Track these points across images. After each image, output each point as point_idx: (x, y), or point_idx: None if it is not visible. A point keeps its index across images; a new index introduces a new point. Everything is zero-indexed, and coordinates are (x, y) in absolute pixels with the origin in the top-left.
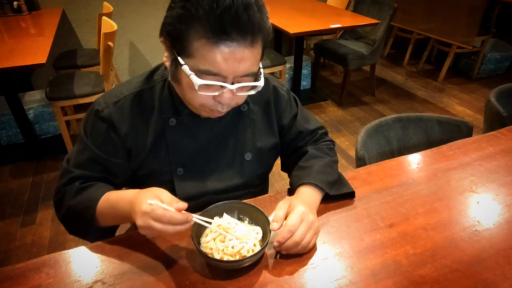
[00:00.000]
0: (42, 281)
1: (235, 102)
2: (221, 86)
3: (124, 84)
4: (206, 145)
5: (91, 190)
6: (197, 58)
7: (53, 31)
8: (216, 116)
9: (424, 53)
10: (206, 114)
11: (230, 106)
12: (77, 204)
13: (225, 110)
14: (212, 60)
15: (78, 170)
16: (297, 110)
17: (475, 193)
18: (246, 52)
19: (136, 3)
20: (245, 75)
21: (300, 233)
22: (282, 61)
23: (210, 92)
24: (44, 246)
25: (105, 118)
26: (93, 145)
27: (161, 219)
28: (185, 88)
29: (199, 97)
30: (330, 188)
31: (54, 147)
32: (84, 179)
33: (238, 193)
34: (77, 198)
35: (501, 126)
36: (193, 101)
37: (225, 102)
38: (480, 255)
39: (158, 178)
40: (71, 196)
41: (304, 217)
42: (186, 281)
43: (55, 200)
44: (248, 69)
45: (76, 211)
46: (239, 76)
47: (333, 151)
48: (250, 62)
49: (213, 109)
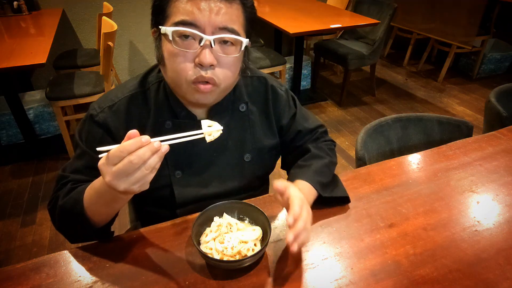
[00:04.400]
0: (42, 281)
1: (220, 73)
2: (199, 41)
3: (119, 87)
4: (204, 148)
5: (80, 188)
6: (174, 14)
7: (53, 31)
8: (203, 90)
9: (424, 53)
10: (196, 94)
11: (215, 74)
12: (67, 201)
13: (209, 75)
14: (186, 10)
15: (74, 175)
16: (296, 109)
17: (475, 193)
18: (222, 5)
19: (136, 3)
20: (224, 28)
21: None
22: (282, 61)
23: (188, 48)
24: (44, 246)
25: (100, 122)
26: (89, 150)
27: (118, 157)
28: (167, 59)
29: (179, 60)
30: (323, 189)
31: (54, 147)
32: (77, 182)
33: (238, 197)
34: (67, 196)
35: (501, 126)
36: (176, 70)
37: (205, 61)
38: (480, 255)
39: (156, 182)
40: (62, 197)
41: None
42: (186, 281)
43: (49, 208)
44: (225, 21)
45: (67, 208)
46: (217, 28)
47: (334, 152)
48: (228, 17)
49: (196, 75)
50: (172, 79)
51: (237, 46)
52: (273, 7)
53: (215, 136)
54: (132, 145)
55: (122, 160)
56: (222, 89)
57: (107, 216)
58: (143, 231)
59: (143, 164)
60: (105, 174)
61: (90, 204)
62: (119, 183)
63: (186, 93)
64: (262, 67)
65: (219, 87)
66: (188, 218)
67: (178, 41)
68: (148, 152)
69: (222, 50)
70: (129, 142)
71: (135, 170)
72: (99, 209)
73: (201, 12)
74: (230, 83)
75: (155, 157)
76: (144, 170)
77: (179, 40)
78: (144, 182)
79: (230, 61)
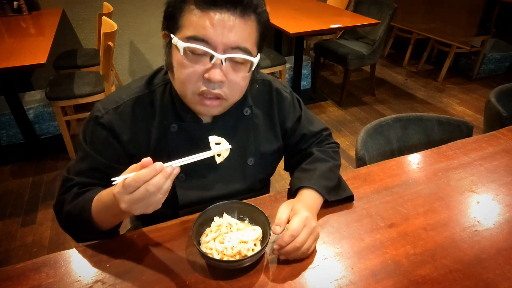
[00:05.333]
0: (42, 281)
1: (228, 90)
2: (210, 58)
3: (123, 88)
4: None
5: (88, 193)
6: (186, 27)
7: (53, 31)
8: (209, 105)
9: (424, 53)
10: (201, 107)
11: (223, 90)
12: (74, 207)
13: (216, 91)
14: (199, 25)
15: (78, 178)
16: (301, 112)
17: (475, 193)
18: (236, 22)
19: (136, 3)
20: (236, 47)
21: (302, 238)
22: (282, 61)
23: (198, 64)
24: (44, 246)
25: (105, 124)
26: (93, 152)
27: (134, 186)
28: (176, 69)
29: (188, 72)
30: (329, 194)
31: (54, 147)
32: (83, 186)
33: (240, 199)
34: (74, 202)
35: (501, 126)
36: (183, 81)
37: (215, 79)
38: (480, 255)
39: None
40: (69, 201)
41: (307, 222)
42: (186, 281)
43: (55, 210)
44: (238, 40)
45: (74, 214)
46: (230, 47)
47: (338, 154)
48: (241, 35)
49: (204, 90)
50: (179, 88)
51: (247, 65)
52: (273, 7)
53: (224, 157)
54: (148, 175)
55: (138, 189)
56: (229, 103)
57: (115, 223)
58: (144, 231)
59: (158, 190)
60: (120, 202)
61: (98, 214)
62: (135, 209)
63: (191, 104)
64: (262, 67)
65: (227, 102)
66: (188, 218)
67: (189, 55)
68: (163, 179)
69: (232, 68)
70: (145, 171)
71: (151, 196)
72: (107, 219)
73: (213, 28)
74: (238, 97)
75: (169, 181)
76: (158, 195)
77: (190, 54)
78: (158, 204)
79: (239, 78)
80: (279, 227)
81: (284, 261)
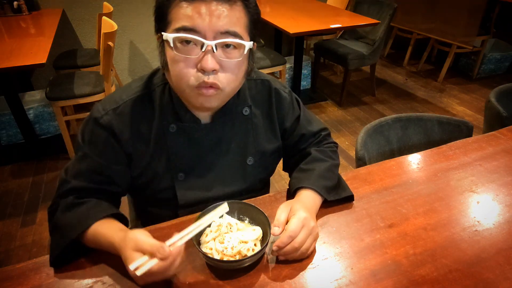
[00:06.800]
0: (42, 281)
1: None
2: (201, 46)
3: (123, 89)
4: (207, 151)
5: (82, 209)
6: (175, 20)
7: (53, 31)
8: (205, 94)
9: (424, 53)
10: (199, 98)
11: (218, 79)
12: (64, 219)
13: (211, 80)
14: (186, 16)
15: (75, 180)
16: (300, 112)
17: (475, 193)
18: (223, 9)
19: (136, 3)
20: (225, 32)
21: (300, 239)
22: (282, 61)
23: (190, 54)
24: (44, 246)
25: (105, 125)
26: (92, 153)
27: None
28: (170, 65)
29: (181, 65)
30: (329, 193)
31: (54, 147)
32: (80, 193)
33: (240, 199)
34: (67, 213)
35: (501, 126)
36: (179, 76)
37: (207, 67)
38: (480, 255)
39: (159, 184)
40: (62, 210)
41: (306, 223)
42: (186, 281)
43: (49, 210)
44: (227, 24)
45: (62, 225)
46: (219, 32)
47: (336, 154)
48: (229, 19)
49: (199, 81)
50: (175, 85)
51: (240, 49)
52: (273, 7)
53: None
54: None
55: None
56: (226, 93)
57: None
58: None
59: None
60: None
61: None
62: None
63: (190, 98)
64: (262, 67)
65: (223, 91)
66: (188, 218)
67: (180, 47)
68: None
69: (225, 54)
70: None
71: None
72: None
73: (201, 17)
74: (235, 87)
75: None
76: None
77: (181, 46)
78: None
79: (233, 65)
80: (277, 228)
81: (284, 261)
